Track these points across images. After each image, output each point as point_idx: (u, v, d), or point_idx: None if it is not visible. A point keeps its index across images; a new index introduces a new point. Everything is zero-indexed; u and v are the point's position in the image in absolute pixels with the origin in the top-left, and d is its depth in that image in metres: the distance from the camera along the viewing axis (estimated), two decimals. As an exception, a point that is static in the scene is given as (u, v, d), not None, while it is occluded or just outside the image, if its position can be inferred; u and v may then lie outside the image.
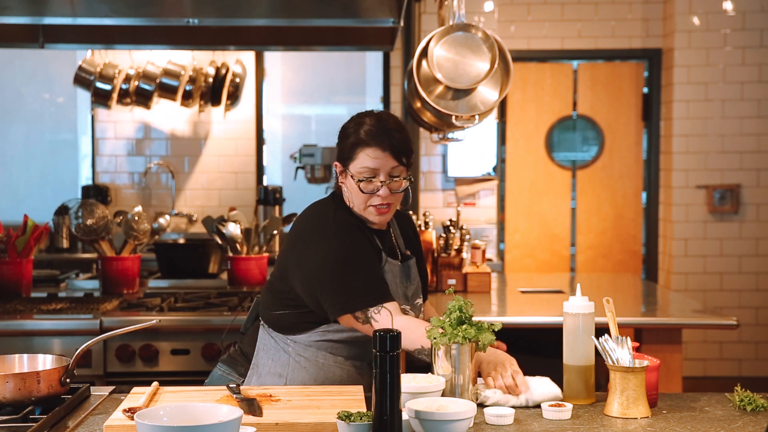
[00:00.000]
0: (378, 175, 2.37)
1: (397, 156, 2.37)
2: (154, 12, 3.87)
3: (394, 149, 2.37)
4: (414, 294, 2.50)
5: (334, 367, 2.44)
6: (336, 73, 6.42)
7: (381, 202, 2.39)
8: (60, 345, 3.34)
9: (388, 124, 2.39)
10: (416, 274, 2.53)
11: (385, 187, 2.38)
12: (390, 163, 2.37)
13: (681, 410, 2.16)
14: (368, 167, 2.37)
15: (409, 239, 2.60)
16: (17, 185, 6.36)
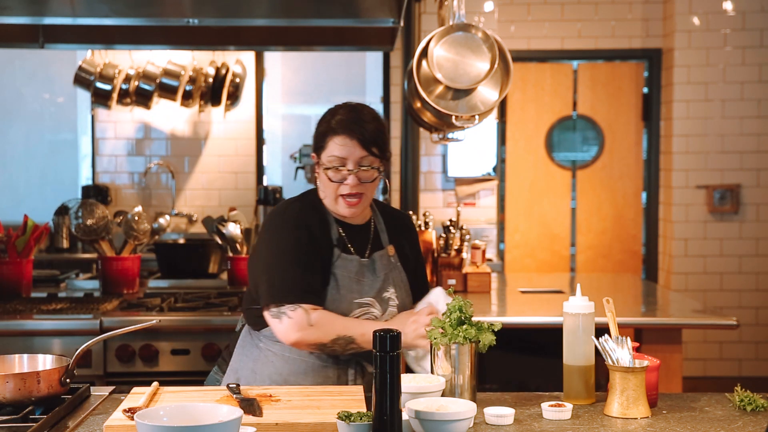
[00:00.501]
0: (346, 164, 2.38)
1: (365, 145, 2.37)
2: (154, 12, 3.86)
3: (362, 138, 2.37)
4: (381, 288, 2.47)
5: (298, 361, 2.44)
6: (336, 73, 6.42)
7: (349, 191, 2.39)
8: (60, 345, 3.34)
9: (360, 115, 2.40)
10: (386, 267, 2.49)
11: (353, 176, 2.38)
12: (358, 152, 2.37)
13: (681, 410, 2.16)
14: (336, 155, 2.38)
15: (401, 238, 2.58)
16: (17, 185, 6.36)
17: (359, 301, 2.42)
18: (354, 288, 2.43)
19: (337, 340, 2.35)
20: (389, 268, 2.50)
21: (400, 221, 2.63)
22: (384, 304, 2.47)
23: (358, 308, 2.42)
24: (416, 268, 2.60)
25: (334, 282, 2.42)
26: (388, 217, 2.59)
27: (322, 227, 2.44)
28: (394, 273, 2.51)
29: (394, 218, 2.61)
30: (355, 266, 2.45)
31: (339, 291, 2.41)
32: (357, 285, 2.44)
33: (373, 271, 2.47)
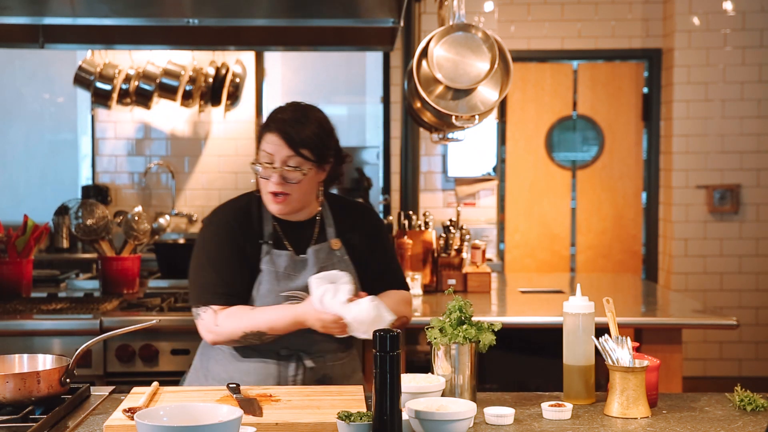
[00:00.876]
0: (273, 162, 2.40)
1: (293, 146, 2.38)
2: (154, 12, 3.86)
3: (290, 139, 2.38)
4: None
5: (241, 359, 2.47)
6: (336, 73, 6.42)
7: (274, 189, 2.41)
8: (60, 345, 3.34)
9: (299, 115, 2.42)
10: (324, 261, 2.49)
11: (277, 174, 2.39)
12: (285, 152, 2.38)
13: (681, 410, 2.16)
14: (266, 152, 2.41)
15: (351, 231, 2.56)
16: (17, 185, 6.36)
17: (286, 294, 2.44)
18: (283, 283, 2.44)
19: (246, 336, 2.39)
20: (330, 261, 2.49)
21: (354, 214, 2.61)
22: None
23: (285, 301, 2.43)
24: (372, 259, 2.57)
25: (262, 278, 2.45)
26: (340, 211, 2.59)
27: (251, 225, 2.48)
28: (339, 267, 2.48)
29: (346, 212, 2.60)
30: (285, 261, 2.46)
31: (266, 286, 2.44)
32: (287, 280, 2.45)
33: (306, 266, 2.47)
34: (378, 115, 6.30)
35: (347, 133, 6.49)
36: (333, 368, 2.50)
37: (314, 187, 2.48)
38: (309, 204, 2.52)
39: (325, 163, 2.46)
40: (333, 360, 2.49)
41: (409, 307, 2.61)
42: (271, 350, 2.45)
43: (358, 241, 2.56)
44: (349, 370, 2.56)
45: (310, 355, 2.46)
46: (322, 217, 2.56)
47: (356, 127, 6.49)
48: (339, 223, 2.56)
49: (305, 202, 2.49)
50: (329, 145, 2.45)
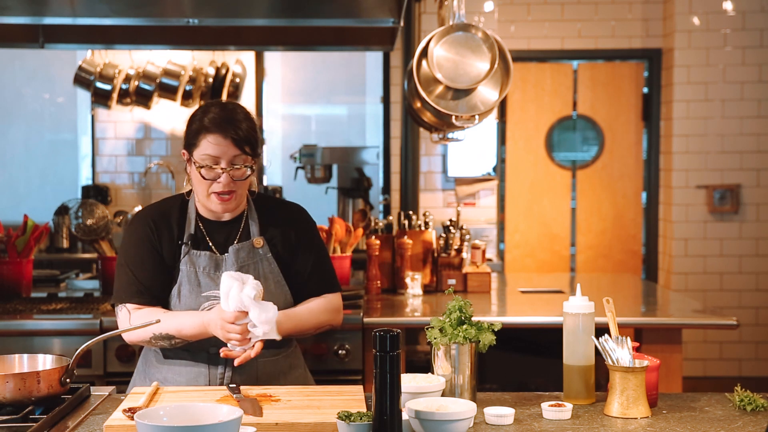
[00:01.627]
0: (219, 163, 2.41)
1: (239, 144, 2.40)
2: (154, 12, 3.86)
3: (236, 137, 2.39)
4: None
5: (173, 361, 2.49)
6: (336, 73, 6.42)
7: (222, 189, 2.42)
8: (60, 345, 3.34)
9: (233, 114, 2.43)
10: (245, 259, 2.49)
11: (226, 175, 2.41)
12: (231, 151, 2.40)
13: (681, 410, 2.16)
14: (209, 154, 2.40)
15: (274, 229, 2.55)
16: (17, 185, 6.36)
17: (207, 295, 2.44)
18: (203, 282, 2.45)
19: (155, 338, 2.42)
20: (251, 260, 2.49)
21: (280, 213, 2.60)
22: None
23: (206, 302, 2.44)
24: (298, 259, 2.55)
25: (181, 279, 2.46)
26: (265, 211, 2.59)
27: (170, 227, 2.49)
28: (261, 265, 2.49)
29: (272, 211, 2.60)
30: (205, 261, 2.47)
31: (186, 287, 2.45)
32: (206, 279, 2.45)
33: (226, 264, 2.48)
34: (378, 115, 6.30)
35: (347, 133, 6.49)
36: (265, 365, 2.48)
37: (248, 183, 2.50)
38: (243, 200, 2.54)
39: (258, 158, 2.49)
40: (264, 356, 2.45)
41: (334, 314, 2.60)
42: (200, 349, 2.46)
43: (283, 240, 2.55)
44: (284, 366, 2.55)
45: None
46: (247, 216, 2.56)
47: (356, 127, 6.49)
48: (264, 222, 2.56)
49: (242, 199, 2.52)
50: (259, 138, 2.49)
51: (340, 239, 4.00)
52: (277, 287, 2.51)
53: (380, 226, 4.14)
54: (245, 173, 2.43)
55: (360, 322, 3.36)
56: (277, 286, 2.51)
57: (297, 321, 2.49)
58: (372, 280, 3.94)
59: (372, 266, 3.95)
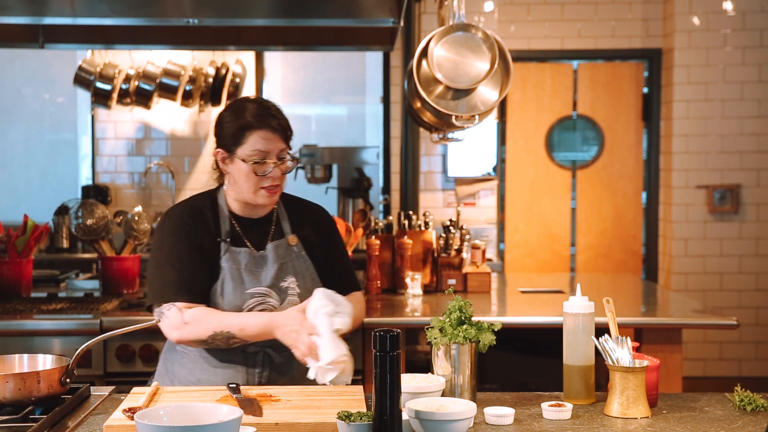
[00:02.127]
0: (269, 157, 2.43)
1: (284, 136, 2.46)
2: (154, 12, 3.86)
3: (282, 130, 2.45)
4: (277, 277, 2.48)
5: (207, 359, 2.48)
6: (336, 73, 6.42)
7: (272, 183, 2.45)
8: (60, 345, 3.34)
9: (270, 109, 2.47)
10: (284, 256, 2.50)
11: (276, 169, 2.45)
12: (279, 145, 2.45)
13: (681, 410, 2.16)
14: (259, 149, 2.43)
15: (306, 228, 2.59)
16: (17, 185, 6.36)
17: (252, 291, 2.45)
18: (246, 279, 2.46)
19: (215, 336, 2.39)
20: (288, 257, 2.52)
21: (308, 212, 2.64)
22: (282, 294, 2.48)
23: (251, 298, 2.45)
24: (328, 258, 2.60)
25: (224, 276, 2.45)
26: (293, 209, 2.62)
27: (207, 223, 2.49)
28: (297, 262, 2.52)
29: (300, 209, 2.63)
30: (245, 258, 2.48)
31: (229, 284, 2.45)
32: (249, 276, 2.46)
33: (267, 262, 2.49)
34: (378, 115, 6.30)
35: (347, 133, 6.49)
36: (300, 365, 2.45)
37: None
38: None
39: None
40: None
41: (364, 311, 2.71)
42: (238, 349, 2.45)
43: (313, 238, 2.59)
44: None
45: (276, 350, 2.45)
46: (277, 214, 2.59)
47: (356, 127, 6.49)
48: (294, 220, 2.59)
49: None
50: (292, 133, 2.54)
51: (340, 239, 4.00)
52: (313, 284, 2.51)
53: (380, 226, 4.14)
54: (291, 166, 2.48)
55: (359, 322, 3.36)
56: (314, 283, 2.52)
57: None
58: (372, 280, 3.95)
59: (372, 266, 3.96)
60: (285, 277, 2.49)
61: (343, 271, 2.64)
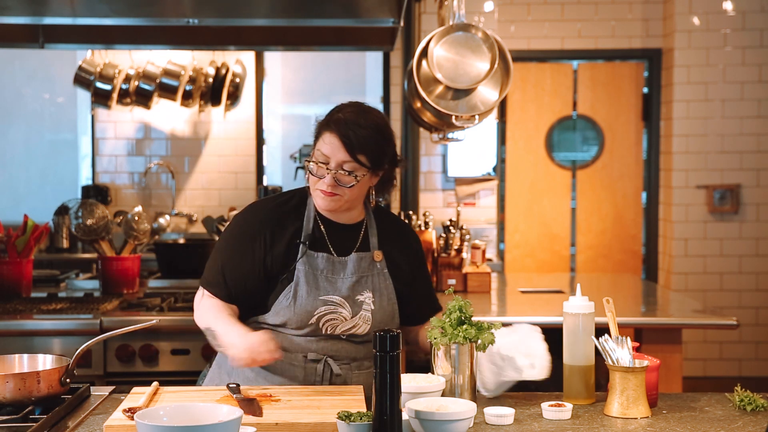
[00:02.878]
0: (329, 163, 2.35)
1: (351, 150, 2.32)
2: (154, 12, 3.86)
3: (349, 143, 2.32)
4: (354, 289, 2.41)
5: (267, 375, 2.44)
6: (336, 73, 6.42)
7: (325, 189, 2.37)
8: (60, 345, 3.34)
9: (360, 119, 2.35)
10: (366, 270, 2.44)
11: (330, 176, 2.34)
12: (341, 155, 2.33)
13: (681, 410, 2.16)
14: (321, 152, 2.36)
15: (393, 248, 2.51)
16: (17, 185, 6.36)
17: (325, 299, 2.39)
18: (321, 285, 2.40)
19: (206, 330, 2.38)
20: (370, 272, 2.45)
21: (397, 231, 2.57)
22: (356, 307, 2.41)
23: (323, 306, 2.38)
24: (413, 282, 2.53)
25: (298, 278, 2.40)
26: (383, 224, 2.54)
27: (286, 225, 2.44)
28: (378, 279, 2.45)
29: (390, 226, 2.55)
30: (323, 263, 2.41)
31: (303, 287, 2.39)
32: (325, 283, 2.40)
33: (346, 271, 2.43)
34: (378, 115, 6.29)
35: (347, 133, 6.48)
36: (359, 377, 2.44)
37: (365, 191, 2.44)
38: (357, 207, 2.48)
39: (379, 170, 2.41)
40: (358, 368, 2.44)
41: None
42: (298, 353, 2.41)
43: (400, 260, 2.51)
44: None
45: (337, 361, 2.42)
46: (367, 225, 2.51)
47: (356, 127, 6.48)
48: (382, 236, 2.51)
49: (354, 204, 2.45)
50: (386, 151, 2.39)
51: (340, 239, 4.00)
52: (389, 304, 2.45)
53: (380, 226, 4.13)
54: (350, 181, 2.34)
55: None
56: (389, 303, 2.46)
57: None
58: (372, 280, 3.94)
59: (372, 266, 3.95)
60: (362, 290, 2.42)
61: (427, 294, 2.58)
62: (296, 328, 2.39)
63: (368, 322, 2.42)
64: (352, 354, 2.43)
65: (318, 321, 2.39)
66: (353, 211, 2.48)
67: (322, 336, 2.39)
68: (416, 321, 2.56)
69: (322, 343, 2.40)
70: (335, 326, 2.39)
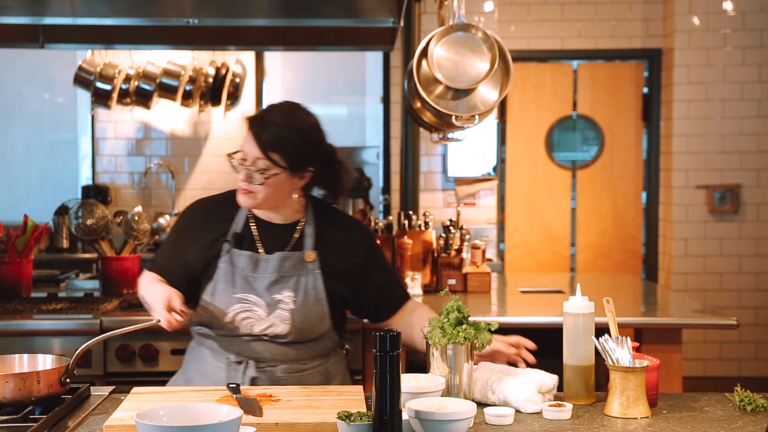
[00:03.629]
0: (246, 159, 2.38)
1: (264, 148, 2.35)
2: (154, 12, 3.86)
3: (262, 141, 2.35)
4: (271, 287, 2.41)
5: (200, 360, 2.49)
6: (336, 73, 6.42)
7: (240, 185, 2.41)
8: (60, 345, 3.34)
9: (280, 117, 2.38)
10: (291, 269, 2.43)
11: (244, 172, 2.38)
12: (254, 152, 2.36)
13: (681, 410, 2.16)
14: (242, 147, 2.40)
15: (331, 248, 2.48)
16: (17, 185, 6.36)
17: (240, 296, 2.41)
18: (239, 283, 2.41)
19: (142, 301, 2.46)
20: (296, 271, 2.43)
21: (341, 232, 2.53)
22: (272, 306, 2.40)
23: (237, 303, 2.40)
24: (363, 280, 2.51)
25: (218, 276, 2.43)
26: (325, 225, 2.51)
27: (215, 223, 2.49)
28: (306, 279, 2.43)
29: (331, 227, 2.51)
30: (245, 262, 2.43)
31: (221, 285, 2.42)
32: (242, 281, 2.41)
33: (266, 269, 2.42)
34: (378, 115, 6.30)
35: (347, 133, 6.49)
36: (295, 379, 2.42)
37: (287, 191, 2.43)
38: (283, 207, 2.47)
39: (300, 171, 2.41)
40: (294, 371, 2.43)
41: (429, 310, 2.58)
42: (222, 355, 2.44)
43: (339, 260, 2.48)
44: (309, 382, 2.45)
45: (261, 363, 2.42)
46: (303, 226, 2.50)
47: (356, 127, 6.49)
48: (321, 236, 2.49)
49: (275, 203, 2.44)
50: (306, 153, 2.39)
51: (340, 239, 3.99)
52: (315, 305, 2.43)
53: (380, 226, 4.14)
54: (260, 179, 2.36)
55: (360, 322, 3.36)
56: (316, 304, 2.44)
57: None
58: (372, 280, 3.94)
59: (372, 266, 3.95)
60: (282, 290, 2.42)
61: (387, 287, 2.56)
62: (217, 327, 2.43)
63: (286, 322, 2.40)
64: (278, 356, 2.42)
65: (233, 319, 2.40)
66: (286, 210, 2.48)
67: (245, 337, 2.40)
68: (383, 316, 2.56)
69: (245, 345, 2.41)
70: (252, 325, 2.40)
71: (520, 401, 2.13)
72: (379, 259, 2.59)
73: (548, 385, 2.20)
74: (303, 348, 2.45)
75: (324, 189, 2.53)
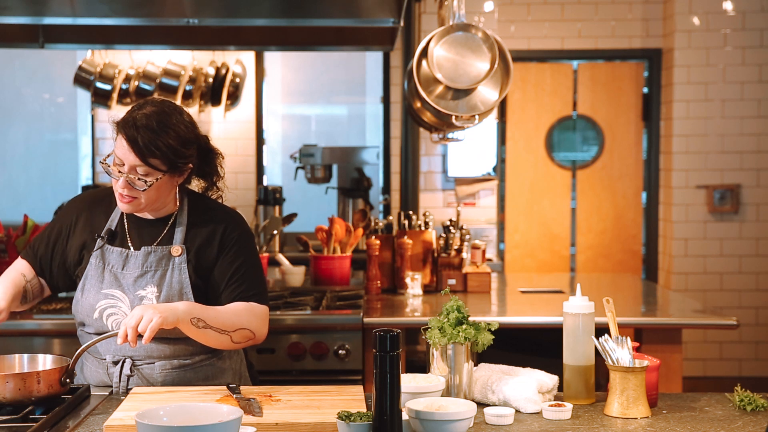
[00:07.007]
0: (123, 166, 2.31)
1: (141, 155, 2.27)
2: (154, 12, 3.86)
3: (140, 149, 2.27)
4: (136, 284, 2.38)
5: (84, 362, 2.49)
6: (336, 73, 6.42)
7: (120, 192, 2.34)
8: (60, 345, 3.34)
9: (151, 121, 2.29)
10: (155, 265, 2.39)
11: (123, 179, 2.30)
12: (132, 159, 2.28)
13: (681, 410, 2.16)
14: (116, 154, 2.32)
15: (200, 240, 2.43)
16: (17, 185, 6.36)
17: (107, 292, 2.39)
18: (107, 279, 2.39)
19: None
20: (161, 266, 2.39)
21: (210, 221, 2.46)
22: (137, 301, 2.37)
23: (104, 299, 2.39)
24: (214, 268, 2.43)
25: (88, 272, 2.42)
26: (196, 218, 2.47)
27: (92, 218, 2.48)
28: (172, 273, 2.39)
29: (201, 220, 2.46)
30: (115, 258, 2.41)
31: (90, 281, 2.41)
32: (111, 277, 2.39)
33: (132, 265, 2.40)
34: (378, 115, 6.30)
35: (347, 133, 6.49)
36: (165, 378, 2.39)
37: (167, 189, 2.39)
38: (163, 204, 2.43)
39: (179, 170, 2.38)
40: (164, 369, 2.39)
41: (256, 320, 2.40)
42: (99, 355, 2.43)
43: (204, 254, 2.42)
44: (192, 379, 2.42)
45: (139, 361, 2.39)
46: (175, 220, 2.46)
47: (356, 127, 6.49)
48: (191, 228, 2.45)
49: (158, 203, 2.41)
50: (185, 154, 2.35)
51: (340, 239, 4.00)
52: (182, 298, 2.38)
53: (380, 226, 4.14)
54: (142, 185, 2.30)
55: (360, 322, 3.36)
56: (183, 296, 2.38)
57: (210, 313, 2.31)
58: (372, 280, 3.95)
59: (372, 266, 3.95)
60: (146, 285, 2.37)
61: (236, 279, 2.42)
62: (89, 324, 2.42)
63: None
64: (153, 354, 2.39)
65: (101, 316, 2.39)
66: (163, 208, 2.46)
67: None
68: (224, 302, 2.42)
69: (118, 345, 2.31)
70: (118, 322, 2.38)
71: (520, 401, 2.13)
72: (238, 248, 2.46)
73: (548, 385, 2.20)
74: (179, 344, 2.39)
75: (202, 178, 2.50)
